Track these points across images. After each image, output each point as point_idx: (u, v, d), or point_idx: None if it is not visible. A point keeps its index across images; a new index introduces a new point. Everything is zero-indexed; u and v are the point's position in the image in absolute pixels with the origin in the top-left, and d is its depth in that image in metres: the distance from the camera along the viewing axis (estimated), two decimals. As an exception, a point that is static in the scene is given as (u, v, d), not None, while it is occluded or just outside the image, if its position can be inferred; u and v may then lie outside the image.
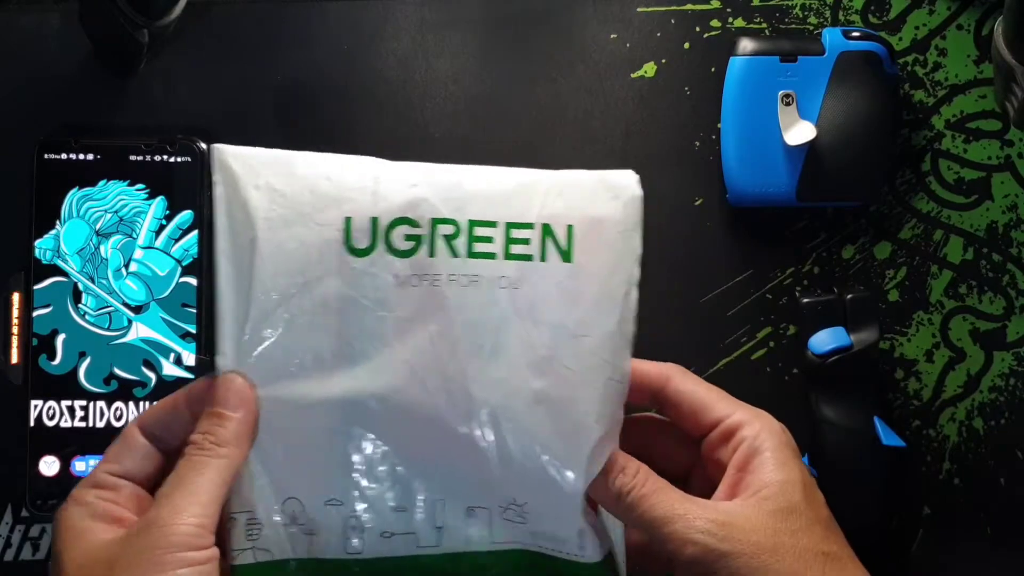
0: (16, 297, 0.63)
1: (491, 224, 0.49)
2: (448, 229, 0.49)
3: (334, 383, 0.48)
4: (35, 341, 0.63)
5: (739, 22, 0.66)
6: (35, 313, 0.63)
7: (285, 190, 0.49)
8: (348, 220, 0.49)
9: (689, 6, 0.66)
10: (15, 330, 0.63)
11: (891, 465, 0.62)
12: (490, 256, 0.49)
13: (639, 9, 0.66)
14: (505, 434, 0.49)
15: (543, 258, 0.50)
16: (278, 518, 0.48)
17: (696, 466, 0.53)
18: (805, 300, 0.63)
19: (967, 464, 0.65)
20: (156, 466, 0.49)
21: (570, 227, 0.50)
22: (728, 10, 0.66)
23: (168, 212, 0.64)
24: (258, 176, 0.49)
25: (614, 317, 0.50)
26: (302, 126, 0.65)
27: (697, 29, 0.66)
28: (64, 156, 0.64)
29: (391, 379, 0.48)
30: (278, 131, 0.65)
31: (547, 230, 0.50)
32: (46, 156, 0.64)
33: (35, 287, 0.63)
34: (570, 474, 0.49)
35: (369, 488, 0.49)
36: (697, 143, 0.66)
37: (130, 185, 0.64)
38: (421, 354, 0.49)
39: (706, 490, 0.51)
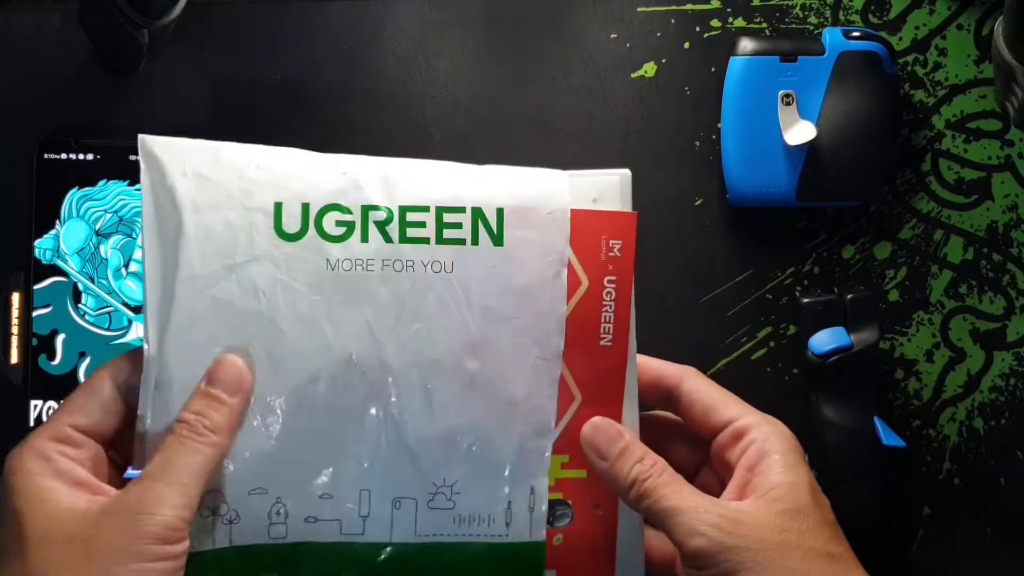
0: (16, 297, 0.63)
1: (423, 209, 0.50)
2: (380, 215, 0.50)
3: (263, 368, 0.49)
4: (35, 341, 0.63)
5: (739, 22, 0.66)
6: (35, 313, 0.63)
7: (212, 176, 0.49)
8: (278, 205, 0.49)
9: (689, 6, 0.66)
10: (15, 330, 0.63)
11: (891, 465, 0.62)
12: (423, 241, 0.50)
13: (639, 9, 0.66)
14: (439, 415, 0.50)
15: (475, 242, 0.51)
16: (201, 511, 0.48)
17: (705, 466, 0.54)
18: (805, 300, 0.63)
19: (967, 464, 0.65)
20: (119, 421, 0.48)
21: (500, 210, 0.51)
22: (728, 10, 0.66)
23: (168, 212, 0.64)
24: (184, 164, 0.49)
25: (543, 298, 0.51)
26: (302, 126, 0.65)
27: (697, 29, 0.66)
28: (64, 156, 0.64)
29: (323, 364, 0.49)
30: (278, 131, 0.65)
31: (478, 213, 0.51)
32: (46, 156, 0.64)
33: (35, 287, 0.63)
34: (499, 452, 0.51)
35: (294, 475, 0.49)
36: (697, 143, 0.66)
37: (130, 185, 0.64)
38: (355, 339, 0.49)
39: (714, 489, 0.51)
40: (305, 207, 0.49)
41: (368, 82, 0.66)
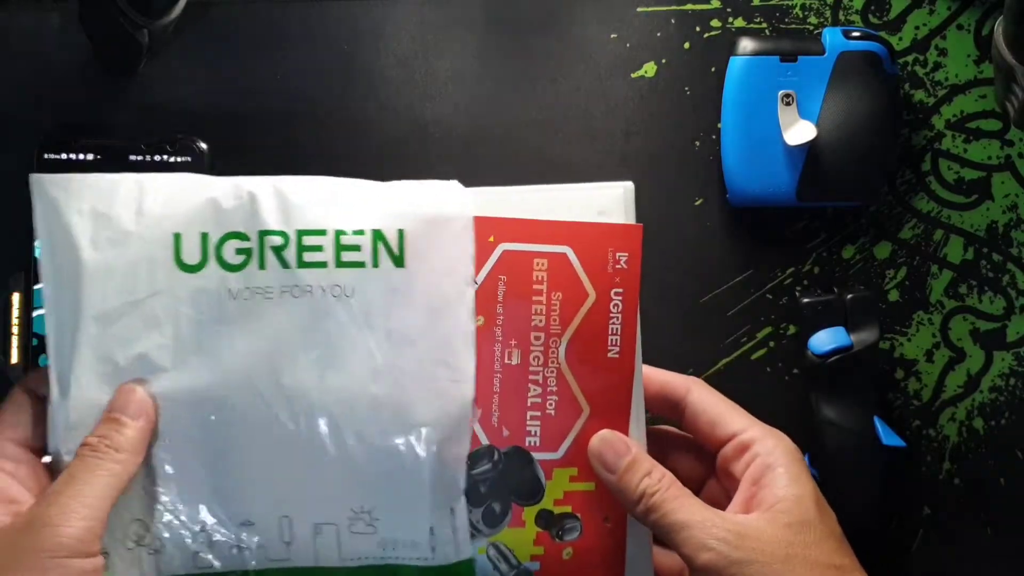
0: (16, 297, 0.63)
1: (320, 232, 0.49)
2: (276, 240, 0.49)
3: (170, 398, 0.49)
4: (35, 341, 0.63)
5: (739, 22, 0.66)
6: (35, 313, 0.63)
7: (109, 212, 0.49)
8: (177, 237, 0.49)
9: (689, 6, 0.66)
10: (15, 330, 0.63)
11: (891, 465, 0.62)
12: (321, 265, 0.49)
13: (639, 9, 0.66)
14: (347, 441, 0.49)
15: (375, 264, 0.50)
16: (125, 542, 0.48)
17: (711, 478, 0.55)
18: (805, 300, 0.63)
19: (967, 464, 0.65)
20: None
21: (401, 231, 0.50)
22: (728, 10, 0.66)
23: (168, 212, 0.64)
24: (81, 201, 0.49)
25: (449, 318, 0.50)
26: (302, 126, 0.65)
27: (697, 29, 0.66)
28: (64, 156, 0.64)
29: (229, 394, 0.49)
30: (278, 131, 0.65)
31: (378, 236, 0.50)
32: (46, 156, 0.63)
33: (35, 287, 0.63)
34: (414, 475, 0.50)
35: (213, 504, 0.49)
36: (697, 143, 0.66)
37: (130, 185, 0.64)
38: (258, 368, 0.49)
39: (720, 501, 0.52)
40: (204, 237, 0.49)
41: (368, 82, 0.66)
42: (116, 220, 0.49)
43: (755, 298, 0.66)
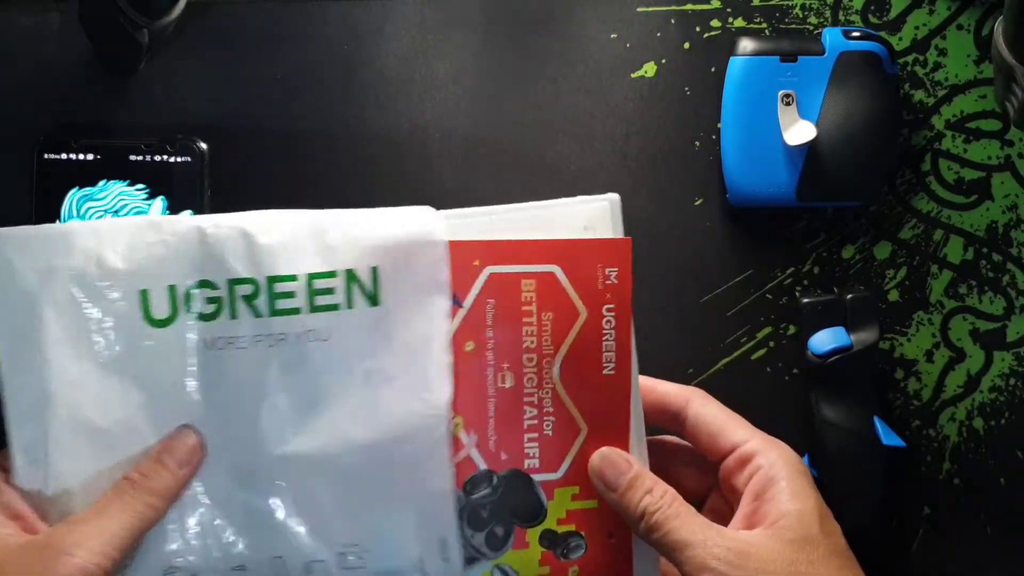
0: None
1: (291, 278, 0.48)
2: (246, 289, 0.48)
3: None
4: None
5: (739, 22, 0.66)
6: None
7: (67, 268, 0.47)
8: (144, 293, 0.48)
9: (689, 6, 0.66)
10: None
11: (891, 465, 0.62)
12: (294, 312, 0.48)
13: (639, 9, 0.66)
14: (333, 484, 0.49)
15: (350, 305, 0.49)
16: None
17: (714, 490, 0.54)
18: (805, 300, 0.63)
19: (967, 464, 0.65)
20: None
21: (374, 269, 0.49)
22: (728, 10, 0.66)
23: (168, 212, 0.64)
24: (36, 259, 0.47)
25: (426, 352, 0.49)
26: (302, 126, 0.65)
27: (697, 29, 0.66)
28: (64, 156, 0.64)
29: (212, 446, 0.48)
30: (278, 131, 0.65)
31: (351, 276, 0.49)
32: (46, 156, 0.63)
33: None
34: (398, 509, 0.49)
35: (204, 553, 0.49)
36: (697, 143, 0.66)
37: (130, 185, 0.64)
38: (236, 418, 0.48)
39: (722, 513, 0.51)
40: (172, 289, 0.48)
41: (368, 82, 0.66)
42: (77, 277, 0.47)
43: (755, 298, 0.66)
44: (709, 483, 0.54)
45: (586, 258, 0.51)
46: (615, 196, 0.51)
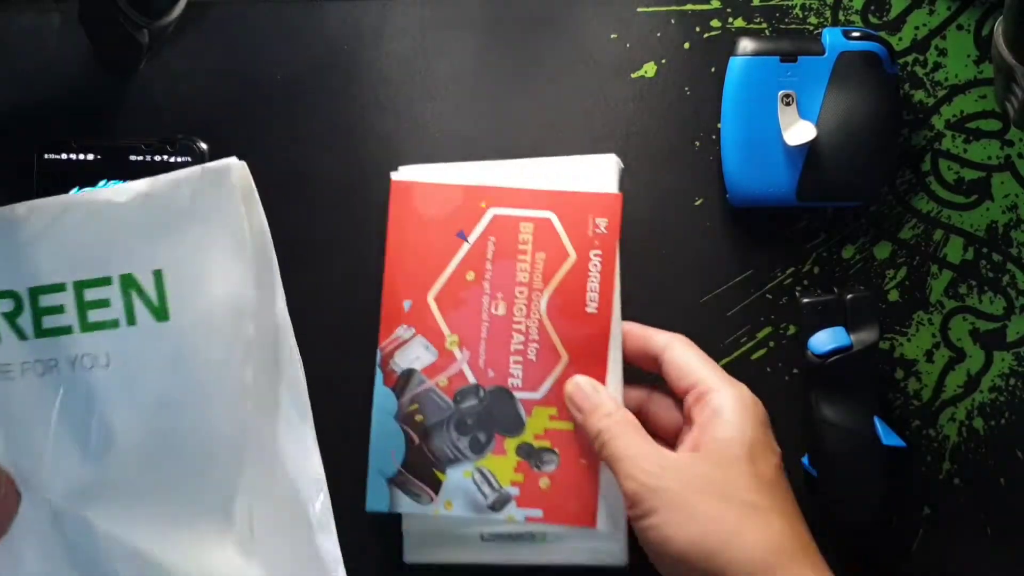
0: None
1: (59, 288, 0.41)
2: (7, 305, 0.40)
3: None
4: None
5: (739, 22, 0.66)
6: None
7: None
8: None
9: (689, 6, 0.66)
10: None
11: (891, 465, 0.62)
12: (65, 331, 0.41)
13: (639, 9, 0.66)
14: (126, 536, 0.42)
15: (131, 321, 0.41)
16: None
17: (685, 424, 0.59)
18: (805, 300, 0.63)
19: (967, 464, 0.65)
20: None
21: (158, 273, 0.42)
22: (728, 10, 0.66)
23: (168, 212, 0.64)
24: None
25: (229, 366, 0.43)
26: (302, 126, 0.65)
27: (697, 29, 0.66)
28: (64, 156, 0.64)
29: (17, 479, 0.42)
30: (278, 131, 0.65)
31: (128, 283, 0.41)
32: (46, 156, 0.63)
33: None
34: (211, 549, 0.44)
35: None
36: (697, 143, 0.66)
37: (130, 185, 0.64)
38: (25, 457, 0.41)
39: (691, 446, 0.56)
40: None
41: (368, 82, 0.66)
42: None
43: (755, 298, 0.66)
44: (680, 419, 0.59)
45: (580, 208, 0.57)
46: (613, 156, 0.60)
